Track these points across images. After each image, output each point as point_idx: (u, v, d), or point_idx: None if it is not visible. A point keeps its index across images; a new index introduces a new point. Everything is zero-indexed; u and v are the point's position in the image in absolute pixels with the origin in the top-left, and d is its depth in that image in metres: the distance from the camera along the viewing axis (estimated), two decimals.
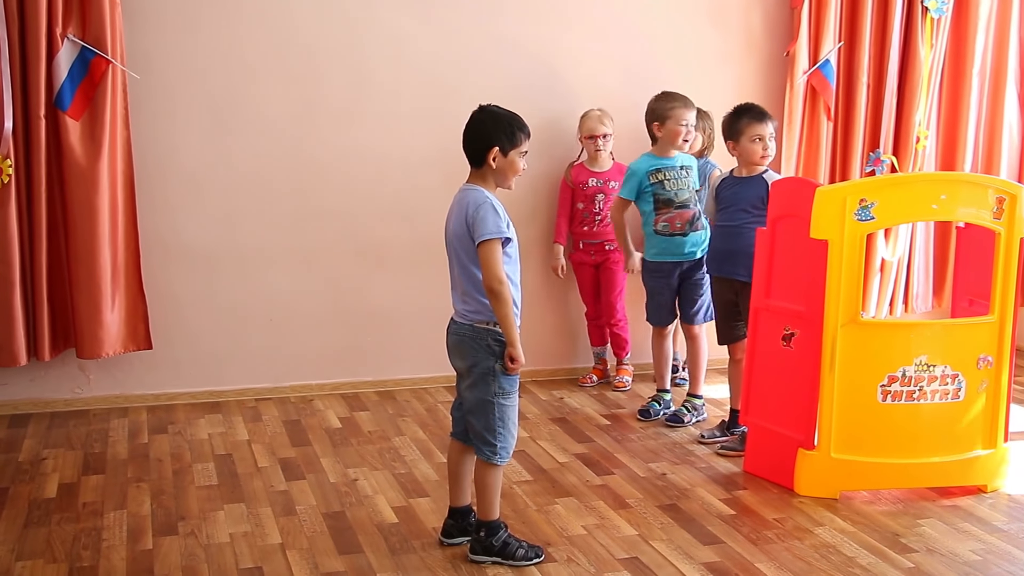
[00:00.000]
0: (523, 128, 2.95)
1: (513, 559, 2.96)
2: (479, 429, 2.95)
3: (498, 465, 2.96)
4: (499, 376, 2.91)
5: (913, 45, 5.21)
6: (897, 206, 3.49)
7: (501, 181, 2.96)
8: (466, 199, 2.90)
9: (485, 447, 2.94)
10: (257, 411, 4.43)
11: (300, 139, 4.55)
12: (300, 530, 3.20)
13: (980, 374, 3.56)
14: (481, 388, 2.92)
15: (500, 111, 2.97)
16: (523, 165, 2.97)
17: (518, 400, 2.99)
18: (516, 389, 2.97)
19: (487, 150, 2.90)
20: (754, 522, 3.33)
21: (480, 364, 2.91)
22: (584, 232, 4.77)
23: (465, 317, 2.94)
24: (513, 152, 2.92)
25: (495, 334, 2.89)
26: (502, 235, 2.84)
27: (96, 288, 4.18)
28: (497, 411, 2.92)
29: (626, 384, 4.83)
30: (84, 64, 4.07)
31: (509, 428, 2.95)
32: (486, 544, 2.98)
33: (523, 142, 2.94)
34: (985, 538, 3.24)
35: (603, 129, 4.63)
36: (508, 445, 2.96)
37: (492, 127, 2.92)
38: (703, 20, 5.05)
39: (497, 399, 2.91)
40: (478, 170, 2.96)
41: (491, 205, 2.87)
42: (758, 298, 3.70)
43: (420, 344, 4.79)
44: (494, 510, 3.00)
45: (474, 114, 2.98)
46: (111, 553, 3.02)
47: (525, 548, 2.99)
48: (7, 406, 4.32)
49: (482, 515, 3.01)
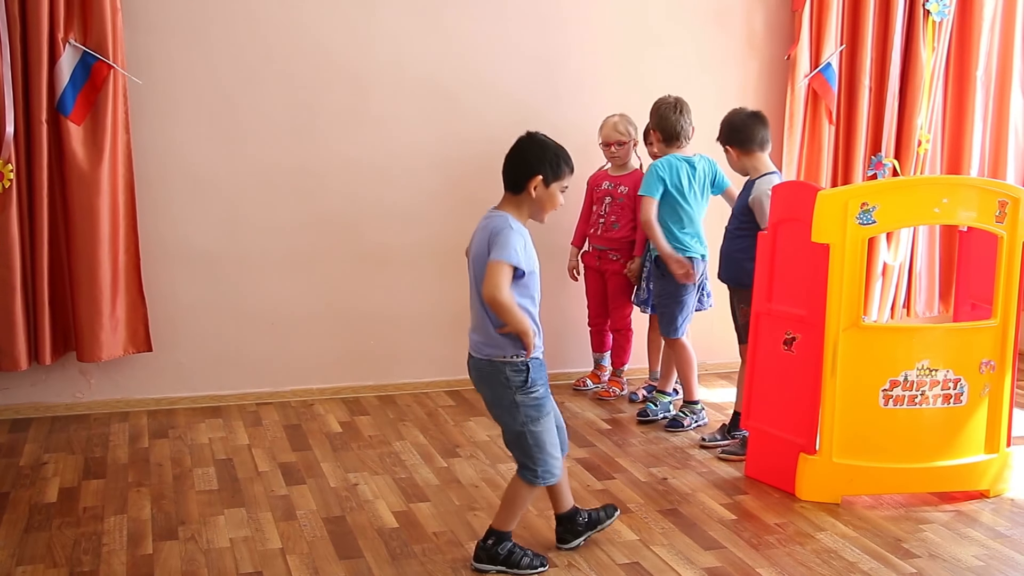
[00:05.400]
0: (568, 162, 2.91)
1: (518, 568, 2.95)
2: (518, 456, 2.96)
3: (535, 486, 2.95)
4: (522, 406, 2.89)
5: (915, 48, 5.21)
6: (899, 210, 3.49)
7: (536, 213, 2.91)
8: (492, 224, 2.85)
9: (527, 472, 2.94)
10: (258, 415, 4.43)
11: (301, 143, 4.55)
12: (300, 535, 3.20)
13: (982, 378, 3.55)
14: (508, 420, 2.92)
15: (548, 141, 2.92)
16: (562, 200, 2.93)
17: (552, 420, 2.95)
18: (544, 414, 2.92)
19: (529, 178, 2.85)
20: (755, 527, 3.32)
21: (503, 398, 2.90)
22: (591, 235, 4.76)
23: (480, 351, 2.91)
24: (555, 185, 2.88)
25: (512, 366, 2.87)
26: (516, 264, 2.77)
27: (97, 291, 4.18)
28: (530, 438, 2.90)
29: (612, 395, 4.75)
30: (86, 69, 4.08)
31: (547, 450, 2.93)
32: (492, 553, 2.97)
33: (566, 176, 2.90)
34: (988, 543, 3.23)
35: (616, 136, 4.56)
36: (549, 467, 2.94)
37: (539, 156, 2.87)
38: (704, 23, 5.05)
39: (527, 427, 2.90)
40: (514, 196, 2.89)
41: (518, 234, 2.81)
42: (759, 302, 3.70)
43: (421, 348, 4.79)
44: (511, 523, 2.99)
45: (521, 140, 2.92)
46: (111, 558, 3.02)
47: (530, 556, 2.98)
48: (8, 410, 4.32)
49: (497, 524, 2.99)
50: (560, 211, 4.70)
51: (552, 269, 4.88)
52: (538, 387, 2.90)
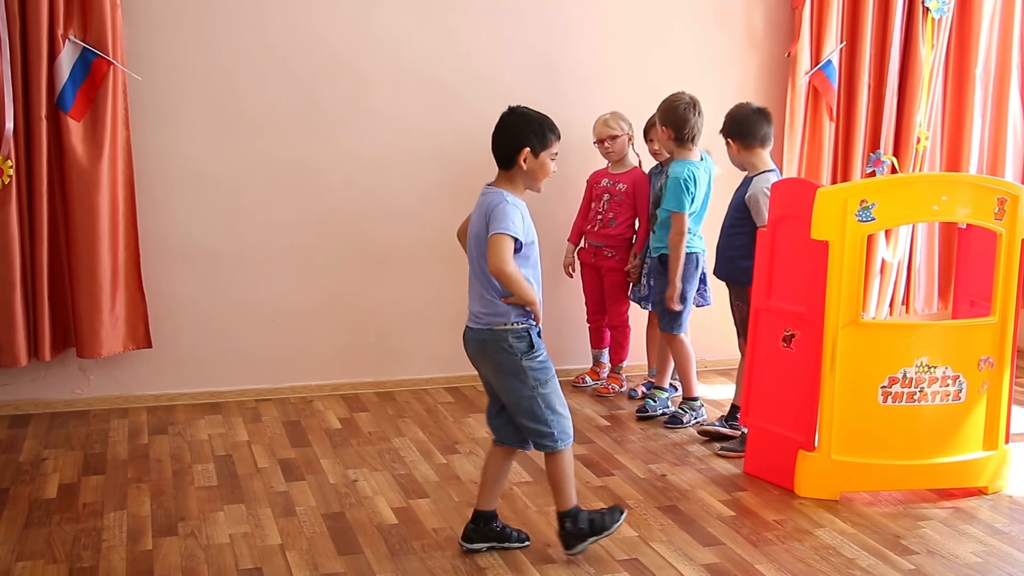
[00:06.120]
0: (553, 129, 2.93)
1: (606, 529, 2.98)
2: (531, 426, 2.94)
3: (564, 450, 2.95)
4: (529, 371, 2.90)
5: (914, 46, 5.21)
6: (898, 207, 3.49)
7: (531, 183, 2.94)
8: (488, 200, 2.88)
9: (544, 440, 2.94)
10: (257, 412, 4.43)
11: (301, 140, 4.55)
12: (300, 531, 3.20)
13: (981, 375, 3.56)
14: (516, 387, 2.92)
15: (530, 112, 2.94)
16: (553, 167, 2.95)
17: (557, 381, 2.98)
18: (551, 375, 2.96)
19: (517, 151, 2.87)
20: (754, 523, 3.33)
21: (507, 365, 2.91)
22: (588, 231, 4.76)
23: (481, 320, 2.92)
24: (544, 153, 2.89)
25: (515, 332, 2.89)
26: (515, 235, 2.80)
27: (96, 287, 4.19)
28: (541, 401, 2.91)
29: (611, 391, 4.76)
30: (85, 65, 4.08)
31: (558, 411, 2.94)
32: (576, 532, 2.97)
33: (553, 143, 2.92)
34: (986, 540, 3.23)
35: (607, 132, 4.57)
36: (564, 427, 2.95)
37: (523, 128, 2.89)
38: (705, 21, 5.05)
39: (536, 390, 2.91)
40: (507, 172, 2.92)
41: (514, 207, 2.84)
42: (759, 299, 3.70)
43: (420, 345, 4.80)
44: (571, 497, 2.99)
45: (504, 115, 2.94)
46: (111, 554, 3.02)
47: (608, 513, 3.01)
48: (8, 407, 4.32)
49: (562, 506, 2.98)
50: (560, 208, 4.81)
51: (551, 266, 4.89)
52: (541, 351, 2.94)
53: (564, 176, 4.77)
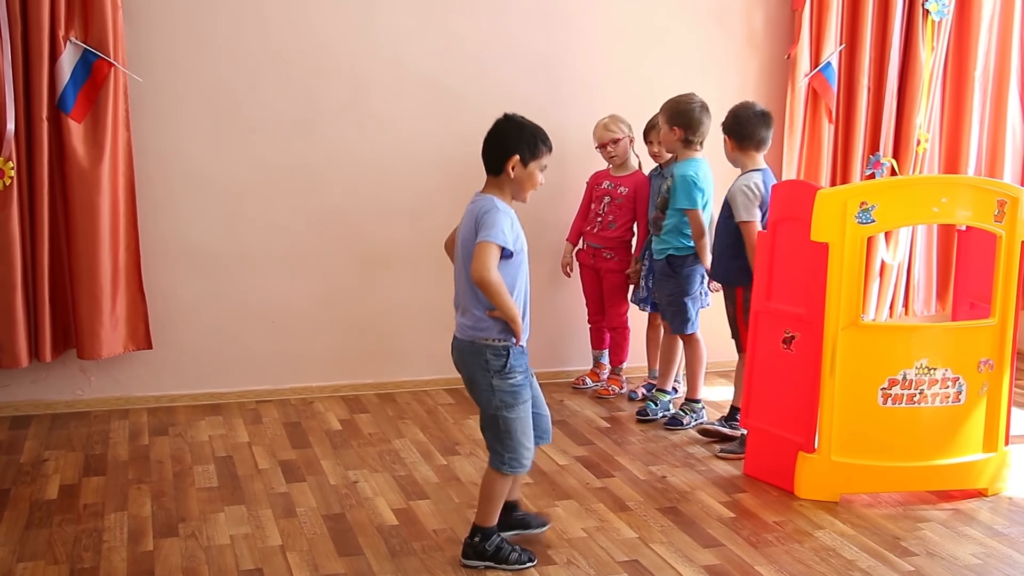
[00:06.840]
0: (546, 141, 2.92)
1: (506, 563, 2.96)
2: (490, 439, 2.96)
3: (506, 475, 2.95)
4: (497, 391, 2.89)
5: (914, 48, 5.22)
6: (898, 209, 3.49)
7: (517, 193, 2.92)
8: (478, 206, 2.87)
9: (494, 456, 2.95)
10: (258, 413, 4.44)
11: (302, 141, 4.56)
12: (300, 532, 3.21)
13: (981, 377, 3.56)
14: (485, 400, 2.92)
15: (525, 121, 2.93)
16: (541, 179, 2.93)
17: (528, 410, 2.94)
18: (520, 401, 2.91)
19: (507, 158, 2.86)
20: (754, 525, 3.33)
21: (480, 381, 2.90)
22: (587, 233, 4.77)
23: (465, 333, 2.91)
24: (533, 164, 2.88)
25: (493, 349, 2.87)
26: (504, 244, 2.78)
27: (97, 289, 4.19)
28: (502, 423, 2.90)
29: (611, 393, 4.77)
30: (86, 67, 4.08)
31: (517, 439, 2.91)
32: (479, 549, 2.97)
33: (544, 155, 2.91)
34: (986, 542, 3.24)
35: (608, 136, 4.58)
36: (517, 456, 2.93)
37: (515, 136, 2.88)
38: (704, 22, 5.06)
39: (500, 412, 2.90)
40: (495, 178, 2.91)
41: (504, 213, 2.83)
42: (759, 301, 3.71)
43: (420, 346, 4.80)
44: (493, 517, 2.99)
45: (498, 121, 2.94)
46: (112, 554, 3.03)
47: (518, 552, 2.99)
48: (8, 407, 4.33)
49: (480, 520, 3.00)
50: (559, 208, 4.82)
51: (550, 268, 4.90)
52: (516, 374, 2.90)
53: (564, 177, 4.80)
